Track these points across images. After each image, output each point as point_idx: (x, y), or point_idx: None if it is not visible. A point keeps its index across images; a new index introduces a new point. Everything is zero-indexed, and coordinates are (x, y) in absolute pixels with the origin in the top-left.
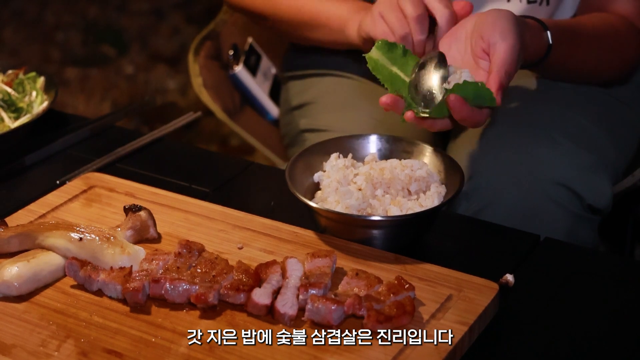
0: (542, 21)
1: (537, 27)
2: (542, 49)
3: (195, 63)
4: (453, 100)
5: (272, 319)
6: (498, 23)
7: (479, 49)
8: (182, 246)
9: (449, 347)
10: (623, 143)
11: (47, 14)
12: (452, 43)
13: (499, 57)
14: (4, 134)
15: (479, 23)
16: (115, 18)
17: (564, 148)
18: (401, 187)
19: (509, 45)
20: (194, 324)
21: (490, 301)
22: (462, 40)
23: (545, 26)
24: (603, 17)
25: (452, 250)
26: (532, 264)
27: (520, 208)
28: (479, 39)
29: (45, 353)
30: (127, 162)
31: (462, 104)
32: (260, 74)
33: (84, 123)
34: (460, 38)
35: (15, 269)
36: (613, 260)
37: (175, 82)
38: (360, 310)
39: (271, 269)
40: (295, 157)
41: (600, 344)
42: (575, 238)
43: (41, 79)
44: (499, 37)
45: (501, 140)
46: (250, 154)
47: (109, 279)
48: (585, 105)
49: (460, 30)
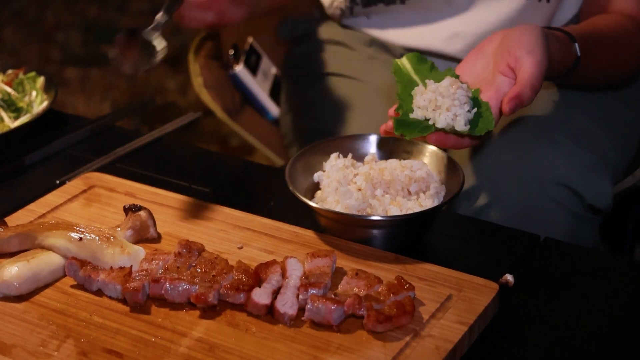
0: (569, 32)
1: (565, 39)
2: (569, 60)
3: (196, 63)
4: (434, 141)
5: (272, 318)
6: (524, 38)
7: (504, 65)
8: (182, 246)
9: (449, 347)
10: (623, 143)
11: (47, 14)
12: (478, 59)
13: (526, 72)
14: (4, 134)
15: (506, 38)
16: (115, 18)
17: (565, 148)
18: (401, 188)
19: (535, 61)
20: (194, 323)
21: (490, 301)
22: (488, 56)
23: (572, 38)
24: (615, 19)
25: (452, 250)
26: (532, 264)
27: (521, 208)
28: (506, 54)
29: (45, 353)
30: (127, 162)
31: (444, 140)
32: (260, 73)
33: (84, 123)
34: (487, 53)
35: (15, 268)
36: (613, 260)
37: (175, 82)
38: (360, 310)
39: (271, 269)
40: (295, 157)
41: (600, 343)
42: (576, 238)
43: (41, 79)
44: (526, 52)
45: (502, 140)
46: (250, 154)
47: (109, 278)
48: (586, 105)
49: (488, 46)
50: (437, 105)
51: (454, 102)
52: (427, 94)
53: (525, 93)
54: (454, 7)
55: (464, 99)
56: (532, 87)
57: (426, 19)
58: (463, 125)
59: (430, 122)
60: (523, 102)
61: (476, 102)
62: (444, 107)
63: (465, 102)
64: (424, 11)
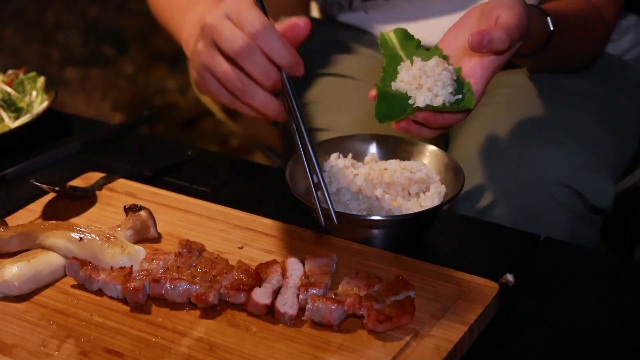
0: (541, 8)
1: (539, 13)
2: (544, 35)
3: None
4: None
5: (272, 318)
6: (504, 0)
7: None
8: (182, 246)
9: (449, 347)
10: (624, 143)
11: (47, 14)
12: (460, 32)
13: (503, 19)
14: (4, 134)
15: (485, 6)
16: (115, 18)
17: (566, 148)
18: (401, 189)
19: (514, 13)
20: (194, 323)
21: (490, 301)
22: (469, 28)
23: (545, 12)
24: (579, 4)
25: (453, 250)
26: (532, 264)
27: (522, 208)
28: (487, 17)
29: (46, 353)
30: (127, 163)
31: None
32: None
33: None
34: (467, 26)
35: (16, 268)
36: (613, 260)
37: (175, 82)
38: (361, 310)
39: (271, 269)
40: (295, 157)
41: (600, 343)
42: (577, 238)
43: (41, 79)
44: (506, 8)
45: (503, 140)
46: (250, 154)
47: (109, 278)
48: (586, 104)
49: (467, 20)
50: (419, 84)
51: (437, 83)
52: (413, 71)
53: (497, 33)
54: (453, 3)
55: (448, 81)
56: (506, 31)
57: (424, 14)
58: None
59: (410, 101)
60: (493, 40)
61: (458, 82)
62: (425, 86)
63: (448, 85)
64: (422, 5)
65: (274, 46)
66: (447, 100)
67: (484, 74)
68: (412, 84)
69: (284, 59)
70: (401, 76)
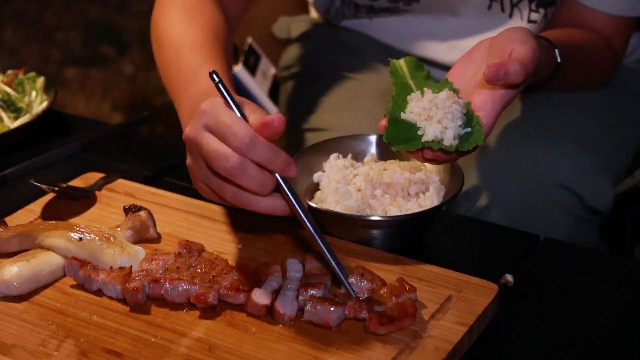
0: (549, 39)
1: (547, 45)
2: (552, 66)
3: None
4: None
5: (272, 319)
6: (514, 34)
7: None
8: (182, 246)
9: (449, 348)
10: (624, 145)
11: (47, 14)
12: (468, 65)
13: (518, 53)
14: (4, 134)
15: (495, 40)
16: (115, 18)
17: (565, 149)
18: (401, 189)
19: (529, 47)
20: (193, 324)
21: (490, 302)
22: (477, 61)
23: (553, 44)
24: (587, 34)
25: (452, 250)
26: (532, 264)
27: (521, 209)
28: (499, 52)
29: (45, 353)
30: (127, 163)
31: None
32: (259, 73)
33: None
34: (475, 59)
35: (15, 268)
36: (613, 260)
37: None
38: (362, 313)
39: (271, 269)
40: (295, 157)
41: (600, 344)
42: (576, 239)
43: (41, 79)
44: (519, 43)
45: (502, 141)
46: None
47: (109, 278)
48: (586, 106)
49: (476, 52)
50: (429, 116)
51: (447, 115)
52: (423, 102)
53: (513, 66)
54: (460, 21)
55: (458, 114)
56: (522, 64)
57: (428, 28)
58: (452, 139)
59: (419, 132)
60: (509, 73)
61: (467, 115)
62: (435, 118)
63: (458, 118)
64: (429, 20)
65: (264, 155)
66: (455, 134)
67: (494, 107)
68: (422, 115)
69: (277, 165)
70: (411, 107)
